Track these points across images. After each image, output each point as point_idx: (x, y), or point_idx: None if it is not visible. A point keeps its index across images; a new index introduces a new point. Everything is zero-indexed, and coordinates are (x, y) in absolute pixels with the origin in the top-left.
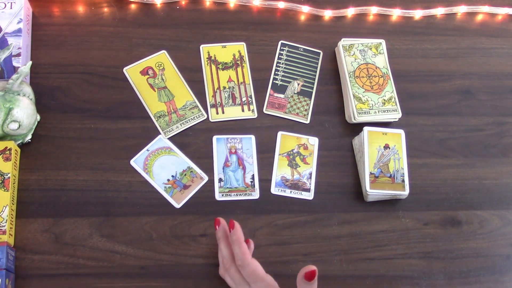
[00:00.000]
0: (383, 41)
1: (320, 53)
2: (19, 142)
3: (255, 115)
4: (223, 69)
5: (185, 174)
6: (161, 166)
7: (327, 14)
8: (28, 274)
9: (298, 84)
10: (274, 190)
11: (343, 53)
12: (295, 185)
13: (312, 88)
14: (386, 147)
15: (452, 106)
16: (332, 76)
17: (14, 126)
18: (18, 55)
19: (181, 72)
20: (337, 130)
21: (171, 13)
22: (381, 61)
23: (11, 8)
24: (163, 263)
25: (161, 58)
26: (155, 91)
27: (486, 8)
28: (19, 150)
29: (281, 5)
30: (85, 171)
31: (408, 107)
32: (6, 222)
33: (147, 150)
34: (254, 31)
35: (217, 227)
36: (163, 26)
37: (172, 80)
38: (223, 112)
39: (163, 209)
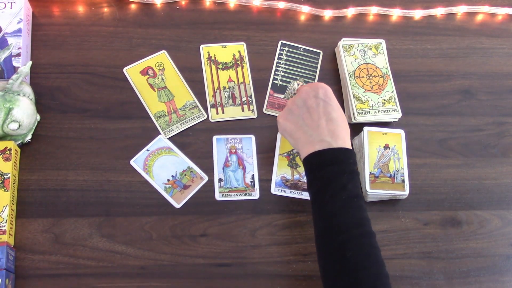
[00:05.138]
0: (383, 41)
1: (320, 53)
2: (19, 142)
3: (255, 115)
4: (223, 69)
5: (185, 174)
6: (161, 166)
7: (327, 14)
8: (28, 274)
9: (298, 84)
10: (274, 190)
11: (343, 53)
12: (295, 185)
13: None
14: (386, 147)
15: (452, 106)
16: (332, 76)
17: (14, 126)
18: (18, 55)
19: (181, 72)
20: None
21: (171, 13)
22: (381, 61)
23: (11, 8)
24: (163, 263)
25: (161, 58)
26: (155, 91)
27: (486, 8)
28: (19, 150)
29: (281, 5)
30: (85, 171)
31: (408, 107)
32: (6, 222)
33: (147, 150)
34: (254, 31)
35: None
36: (163, 26)
37: (172, 80)
38: (223, 112)
39: (163, 209)
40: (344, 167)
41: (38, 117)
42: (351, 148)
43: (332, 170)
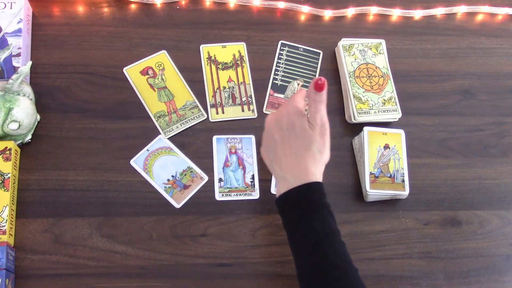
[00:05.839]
0: (383, 41)
1: (320, 53)
2: (19, 142)
3: (255, 115)
4: (223, 69)
5: (185, 174)
6: (161, 166)
7: (327, 14)
8: (28, 274)
9: (298, 84)
10: (274, 190)
11: (343, 53)
12: None
13: None
14: (386, 147)
15: (452, 106)
16: (332, 76)
17: (14, 126)
18: (18, 55)
19: (181, 72)
20: (337, 130)
21: (171, 13)
22: (381, 61)
23: (11, 8)
24: (163, 263)
25: (161, 58)
26: (155, 91)
27: (486, 8)
28: (19, 150)
29: (281, 5)
30: (85, 171)
31: (408, 107)
32: (6, 222)
33: (147, 150)
34: (254, 31)
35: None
36: (163, 26)
37: (172, 80)
38: (223, 112)
39: (163, 209)
40: (308, 207)
41: (38, 117)
42: (315, 176)
43: (295, 214)
